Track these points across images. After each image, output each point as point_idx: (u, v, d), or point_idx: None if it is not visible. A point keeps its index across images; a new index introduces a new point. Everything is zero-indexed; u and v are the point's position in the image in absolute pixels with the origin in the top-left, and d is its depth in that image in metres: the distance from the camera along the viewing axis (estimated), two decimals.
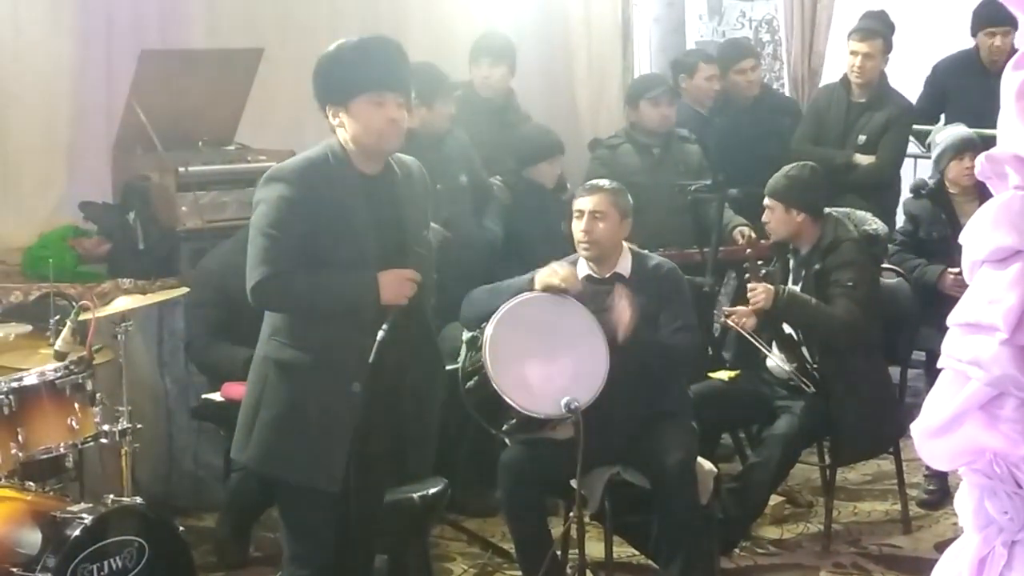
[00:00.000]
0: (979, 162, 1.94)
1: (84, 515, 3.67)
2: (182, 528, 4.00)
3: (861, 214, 5.12)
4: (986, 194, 1.96)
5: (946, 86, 6.64)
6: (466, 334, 4.20)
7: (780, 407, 4.69)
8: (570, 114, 6.91)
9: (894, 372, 5.01)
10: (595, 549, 4.34)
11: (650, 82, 6.10)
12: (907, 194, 5.85)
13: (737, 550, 4.70)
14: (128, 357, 4.27)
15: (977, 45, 6.52)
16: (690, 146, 5.97)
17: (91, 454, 4.41)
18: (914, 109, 6.43)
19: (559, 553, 4.26)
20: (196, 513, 5.07)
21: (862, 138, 6.26)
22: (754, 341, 4.64)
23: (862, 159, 6.22)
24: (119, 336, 4.18)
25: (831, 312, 4.60)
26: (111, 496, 3.93)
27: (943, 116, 6.55)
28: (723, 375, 4.91)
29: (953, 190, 5.52)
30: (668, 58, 7.19)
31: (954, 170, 5.48)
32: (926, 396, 2.00)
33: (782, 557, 4.73)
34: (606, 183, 4.37)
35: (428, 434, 3.66)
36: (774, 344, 4.71)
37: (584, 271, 4.32)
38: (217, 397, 4.48)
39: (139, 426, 4.22)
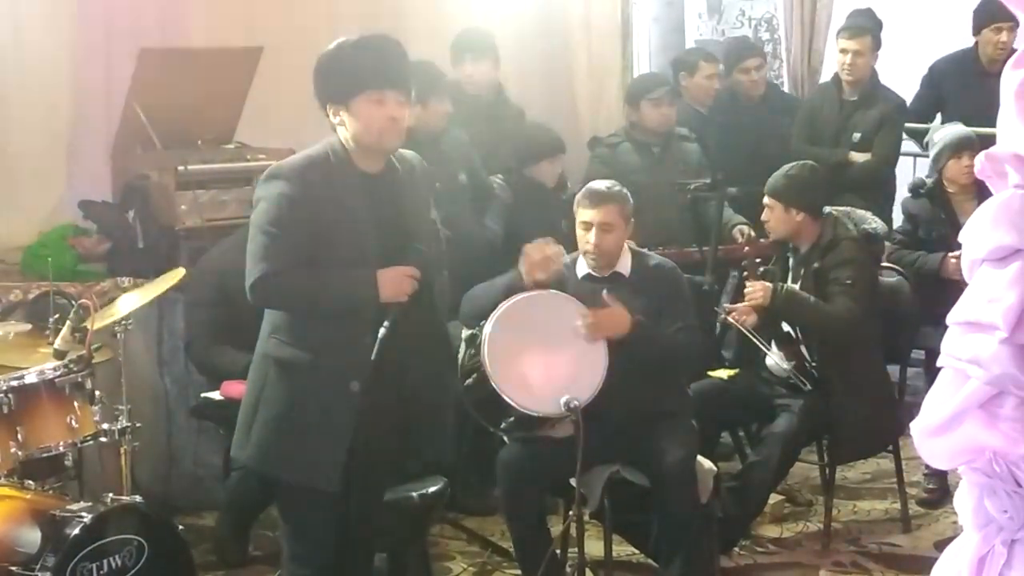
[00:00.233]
0: (979, 161, 1.94)
1: (83, 514, 3.67)
2: (181, 527, 3.99)
3: (861, 213, 5.12)
4: (985, 193, 1.96)
5: (943, 86, 6.64)
6: (465, 332, 4.21)
7: (779, 406, 4.69)
8: (570, 113, 6.90)
9: (893, 371, 5.01)
10: (595, 548, 4.33)
11: (651, 82, 6.09)
12: (904, 193, 5.85)
13: (737, 549, 4.70)
14: (128, 356, 4.27)
15: (977, 44, 6.51)
16: (689, 145, 5.97)
17: (90, 453, 4.41)
18: (906, 105, 6.42)
19: (559, 552, 4.25)
20: (196, 512, 5.07)
21: (856, 136, 6.26)
22: (753, 339, 4.64)
23: (858, 157, 6.23)
24: (119, 335, 4.18)
25: (829, 310, 4.59)
26: (110, 495, 3.93)
27: (939, 116, 6.55)
28: (722, 374, 4.92)
29: (951, 189, 5.52)
30: (668, 57, 7.19)
31: (952, 169, 5.48)
32: (926, 395, 2.00)
33: (782, 556, 4.73)
34: (609, 190, 4.27)
35: (442, 426, 3.66)
36: (773, 342, 4.71)
37: (584, 270, 4.32)
38: (217, 396, 4.48)
39: (138, 425, 4.22)
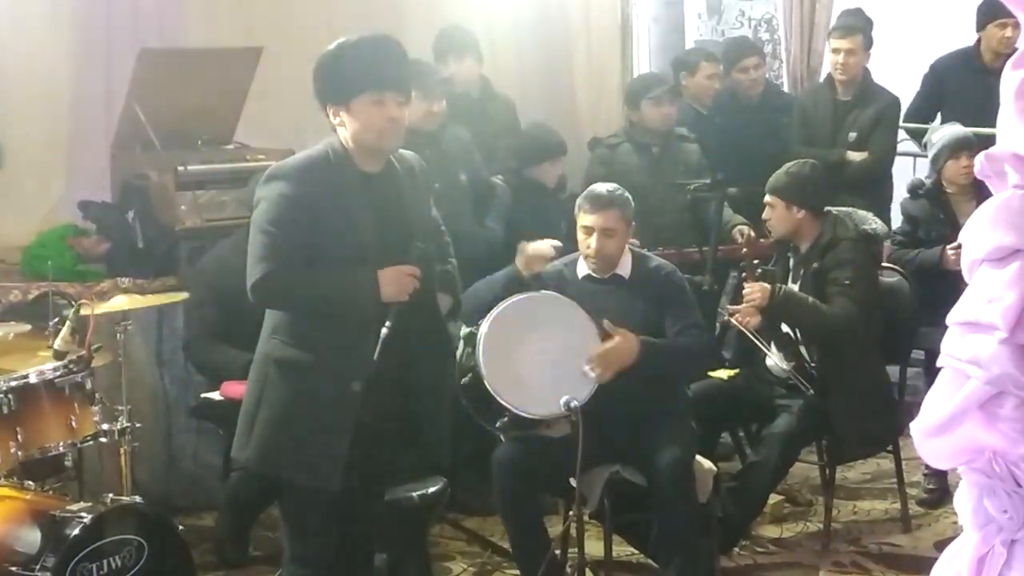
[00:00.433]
0: (978, 161, 1.94)
1: (83, 514, 3.67)
2: (181, 527, 3.99)
3: (862, 213, 5.12)
4: (983, 193, 1.96)
5: (944, 84, 6.63)
6: (464, 330, 4.20)
7: (779, 406, 4.69)
8: (569, 113, 6.90)
9: (893, 371, 5.01)
10: (594, 548, 4.34)
11: (652, 82, 6.09)
12: (903, 194, 5.85)
13: (737, 549, 4.70)
14: (127, 356, 4.27)
15: (980, 41, 6.48)
16: (689, 145, 5.97)
17: (90, 453, 4.41)
18: (900, 103, 6.40)
19: (559, 552, 4.26)
20: (195, 512, 5.07)
21: (852, 135, 6.27)
22: (754, 340, 4.64)
23: (855, 156, 6.23)
24: (118, 335, 4.18)
25: (827, 310, 4.59)
26: (110, 495, 3.93)
27: (939, 115, 6.55)
28: (722, 374, 4.92)
29: (950, 189, 5.52)
30: (667, 57, 7.18)
31: (951, 169, 5.48)
32: (925, 395, 2.00)
33: (782, 556, 4.73)
34: (611, 194, 4.26)
35: (440, 428, 3.66)
36: (772, 343, 4.71)
37: (584, 271, 4.32)
38: (216, 396, 4.47)
39: (138, 425, 4.23)
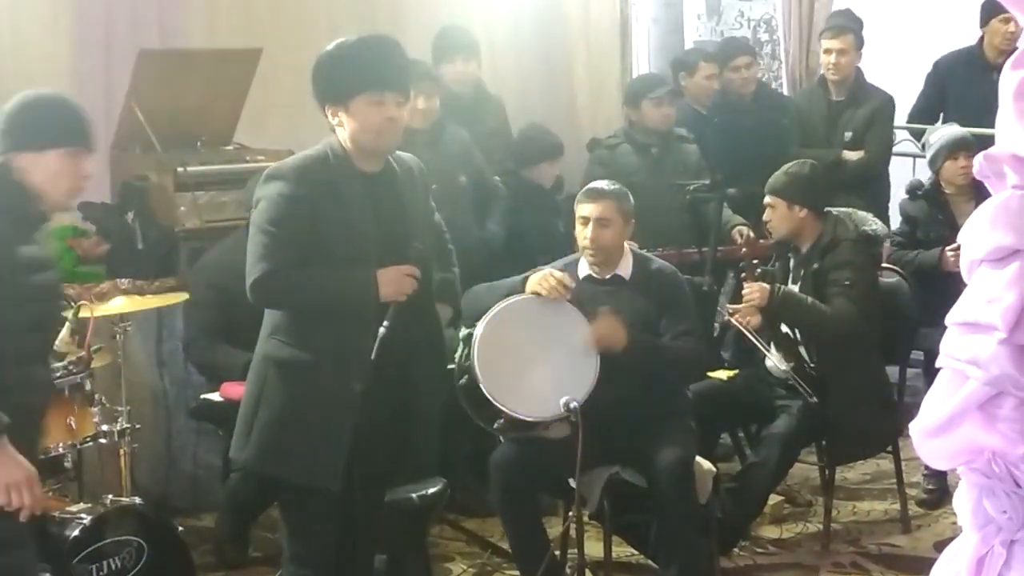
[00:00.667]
0: (977, 161, 1.94)
1: (83, 515, 3.68)
2: (181, 528, 4.00)
3: (862, 214, 5.12)
4: (982, 194, 1.96)
5: (947, 82, 6.62)
6: (463, 331, 4.20)
7: (779, 406, 4.68)
8: (569, 114, 6.90)
9: (893, 372, 5.01)
10: (594, 549, 4.33)
11: (652, 82, 6.09)
12: (901, 193, 5.85)
13: (736, 549, 4.69)
14: (127, 357, 4.27)
15: (983, 38, 6.47)
16: (688, 146, 5.97)
17: (90, 454, 4.40)
18: (894, 101, 6.40)
19: (558, 553, 4.25)
20: (195, 513, 5.07)
21: (848, 135, 6.30)
22: (753, 340, 4.64)
23: (851, 155, 6.25)
24: (118, 336, 4.18)
25: (826, 311, 4.59)
26: (110, 496, 3.93)
27: (941, 116, 6.55)
28: (722, 374, 4.92)
29: (949, 190, 5.52)
30: (667, 58, 7.18)
31: (949, 170, 5.48)
32: (925, 395, 2.00)
33: (781, 556, 4.73)
34: (609, 186, 4.32)
35: (430, 431, 3.66)
36: (772, 344, 4.71)
37: (585, 271, 4.32)
38: (216, 397, 4.48)
39: (138, 426, 4.23)
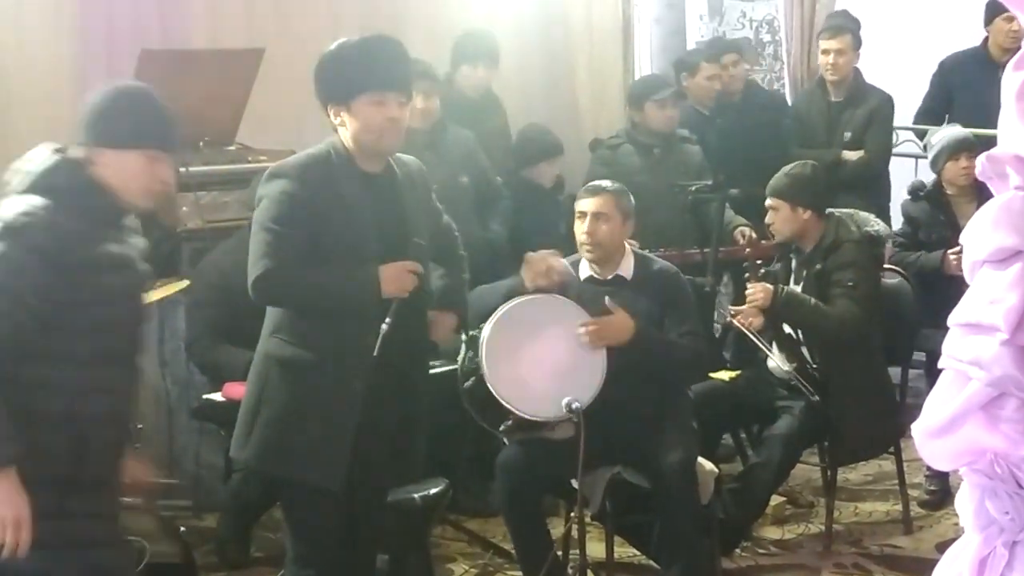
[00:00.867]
0: (980, 162, 1.94)
1: None
2: (183, 528, 3.99)
3: (864, 215, 5.12)
4: (984, 194, 1.96)
5: (953, 82, 6.61)
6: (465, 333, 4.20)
7: (781, 407, 4.68)
8: (571, 115, 6.90)
9: (895, 373, 5.01)
10: (596, 549, 4.34)
11: (655, 83, 6.10)
12: (902, 194, 5.85)
13: (738, 550, 4.70)
14: None
15: (988, 37, 6.46)
16: (691, 146, 5.97)
17: None
18: (893, 100, 6.39)
19: (560, 554, 4.25)
20: (197, 513, 5.06)
21: (847, 135, 6.31)
22: (756, 341, 4.64)
23: (850, 155, 6.26)
24: None
25: (829, 312, 4.59)
26: None
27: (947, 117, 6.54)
28: (724, 375, 4.92)
29: (950, 191, 5.52)
30: (669, 59, 7.19)
31: (950, 171, 5.48)
32: (927, 397, 2.00)
33: (783, 557, 4.73)
34: (608, 184, 4.36)
35: (422, 429, 3.66)
36: (774, 344, 4.70)
37: (586, 272, 4.32)
38: (218, 397, 4.47)
39: (140, 426, 4.21)
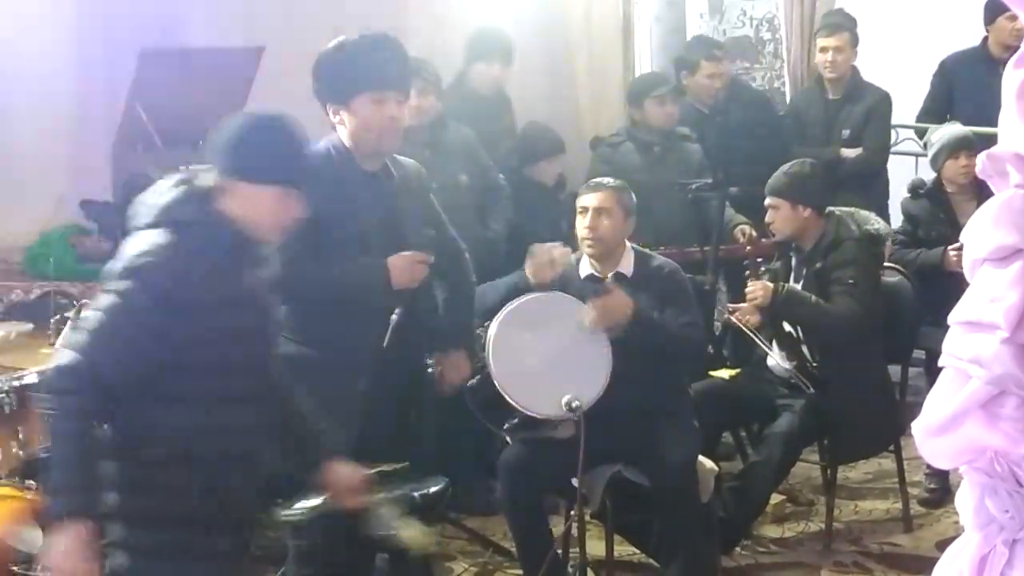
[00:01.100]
0: (980, 160, 1.94)
1: None
2: None
3: (864, 214, 5.12)
4: (984, 193, 1.96)
5: (954, 80, 6.60)
6: None
7: (781, 405, 4.68)
8: (571, 113, 6.90)
9: (895, 371, 5.01)
10: (596, 548, 4.34)
11: (655, 81, 6.10)
12: (900, 192, 5.85)
13: (738, 549, 4.69)
14: None
15: (987, 37, 6.45)
16: (691, 145, 5.96)
17: None
18: (891, 97, 6.37)
19: (560, 552, 4.25)
20: None
21: (846, 132, 6.31)
22: (755, 339, 4.64)
23: (849, 152, 6.26)
24: None
25: (830, 309, 4.58)
26: None
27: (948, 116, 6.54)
28: (724, 373, 4.92)
29: (950, 189, 5.51)
30: (669, 57, 7.18)
31: (950, 169, 5.48)
32: (927, 395, 2.00)
33: (783, 556, 4.73)
34: (610, 180, 4.37)
35: (423, 429, 3.66)
36: (774, 342, 4.70)
37: (587, 270, 4.32)
38: None
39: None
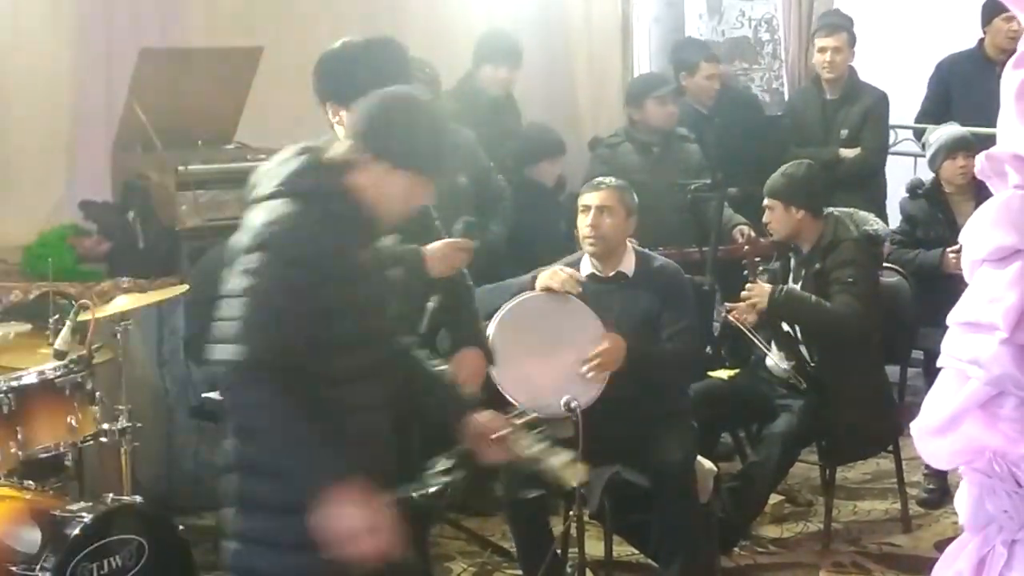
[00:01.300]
0: (979, 161, 1.94)
1: (84, 514, 3.67)
2: (182, 527, 3.99)
3: (863, 214, 5.13)
4: (983, 193, 1.96)
5: (951, 82, 6.60)
6: None
7: (780, 406, 4.68)
8: (570, 113, 6.90)
9: (893, 371, 5.01)
10: (595, 548, 4.33)
11: (655, 80, 6.11)
12: (899, 193, 5.85)
13: (737, 549, 4.69)
14: (128, 356, 4.27)
15: (984, 38, 6.46)
16: (690, 145, 5.97)
17: (91, 453, 4.40)
18: (888, 97, 6.38)
19: (559, 552, 4.25)
20: (196, 512, 5.05)
21: (844, 132, 6.32)
22: (754, 339, 4.64)
23: (847, 152, 6.27)
24: (118, 335, 4.18)
25: (829, 308, 4.58)
26: (111, 495, 3.93)
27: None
28: (723, 374, 4.92)
29: (948, 189, 5.52)
30: (668, 58, 7.18)
31: (948, 169, 5.48)
32: (926, 395, 2.00)
33: (782, 556, 4.73)
34: (612, 180, 4.37)
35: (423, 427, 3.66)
36: (773, 343, 4.71)
37: (588, 269, 4.32)
38: (217, 396, 4.46)
39: (139, 425, 4.22)
